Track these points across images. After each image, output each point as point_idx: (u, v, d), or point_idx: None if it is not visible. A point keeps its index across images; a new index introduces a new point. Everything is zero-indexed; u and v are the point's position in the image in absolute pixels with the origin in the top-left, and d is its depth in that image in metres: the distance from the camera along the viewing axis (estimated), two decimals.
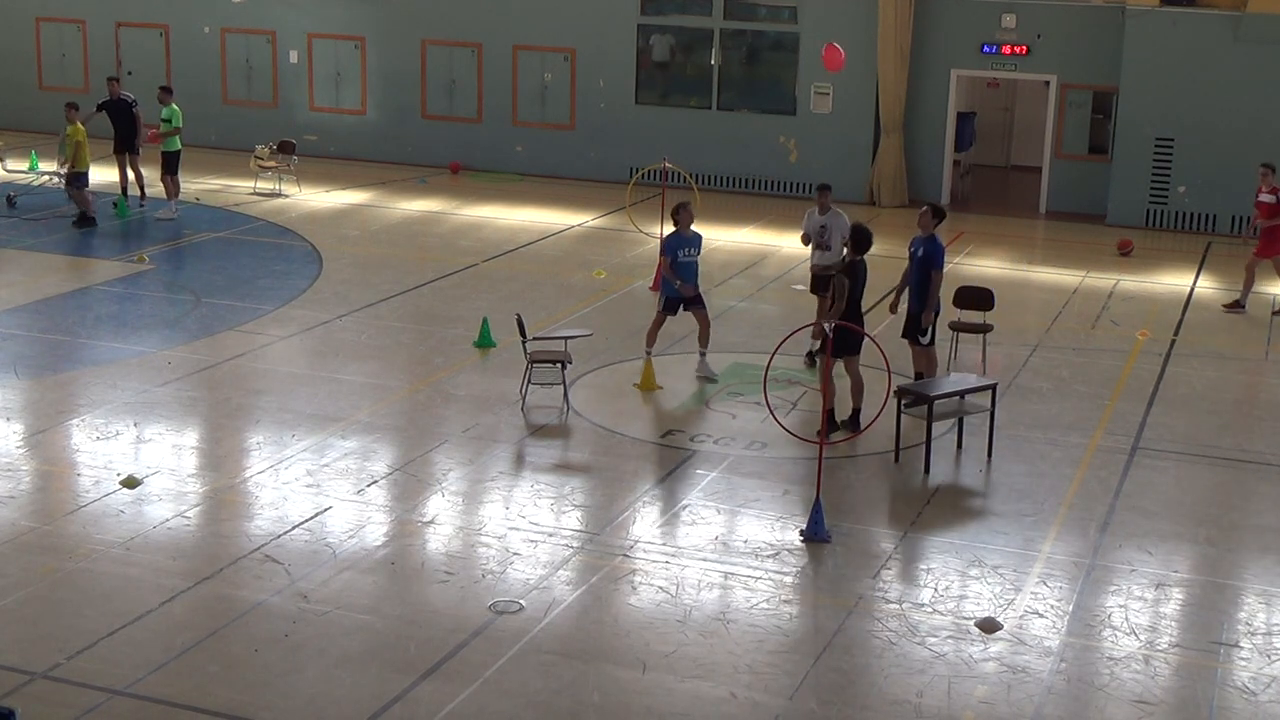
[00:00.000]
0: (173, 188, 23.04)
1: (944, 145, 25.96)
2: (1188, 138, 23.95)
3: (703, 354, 15.72)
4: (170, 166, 23.05)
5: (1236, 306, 19.10)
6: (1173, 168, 24.17)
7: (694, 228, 15.67)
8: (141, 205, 23.54)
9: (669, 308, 15.59)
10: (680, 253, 15.48)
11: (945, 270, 15.11)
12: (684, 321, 17.82)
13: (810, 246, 16.43)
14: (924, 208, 15.09)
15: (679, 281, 15.35)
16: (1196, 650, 10.12)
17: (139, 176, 23.75)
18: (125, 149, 23.72)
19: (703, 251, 15.93)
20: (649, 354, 15.57)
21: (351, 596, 10.50)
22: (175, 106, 23.27)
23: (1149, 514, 12.42)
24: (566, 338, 15.30)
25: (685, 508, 12.28)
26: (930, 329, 14.79)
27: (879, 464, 13.41)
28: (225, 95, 29.44)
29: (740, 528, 12.00)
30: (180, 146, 23.25)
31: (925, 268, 14.76)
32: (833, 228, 16.21)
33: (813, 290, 16.65)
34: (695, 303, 15.62)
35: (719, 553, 11.42)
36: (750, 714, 9.16)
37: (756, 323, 17.16)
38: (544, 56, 27.41)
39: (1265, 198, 19.14)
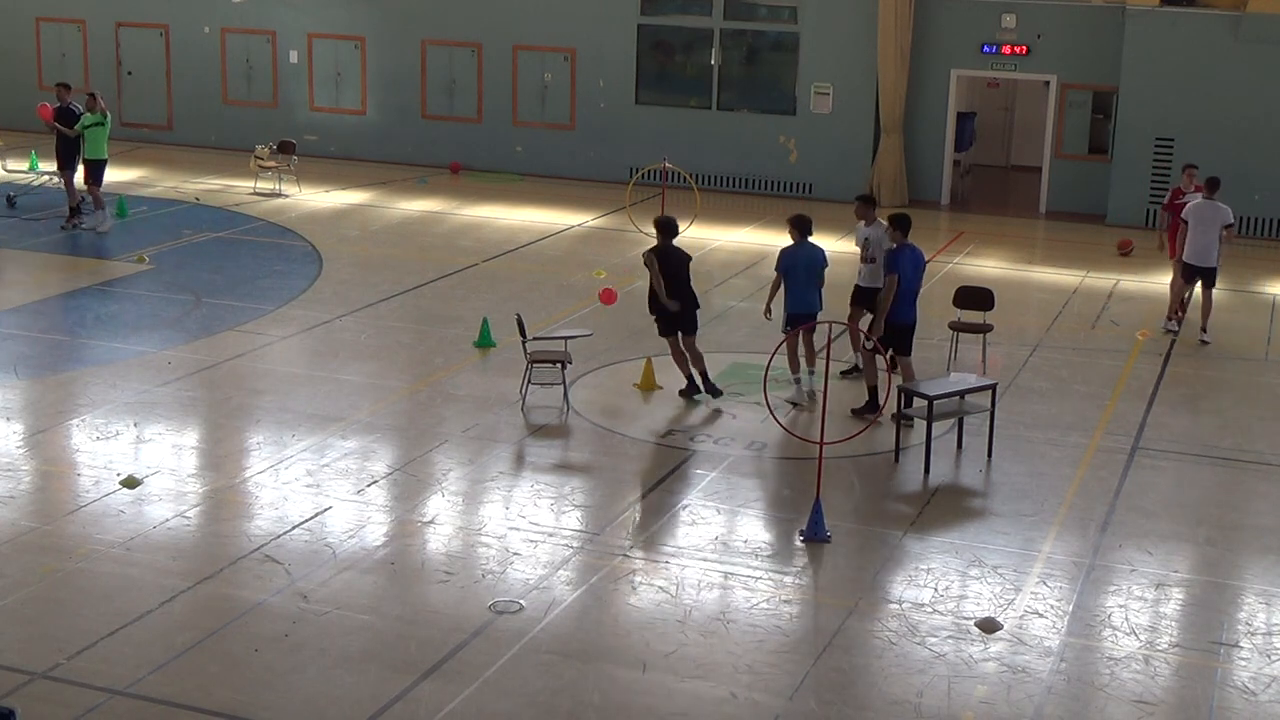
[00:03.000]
0: (99, 197, 21.67)
1: (944, 145, 25.96)
2: (1188, 138, 23.93)
3: (811, 371, 15.11)
4: (93, 175, 21.62)
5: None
6: (1173, 168, 24.13)
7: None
8: (72, 224, 22.02)
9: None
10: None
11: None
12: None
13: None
14: (889, 216, 14.69)
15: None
16: (1196, 650, 10.12)
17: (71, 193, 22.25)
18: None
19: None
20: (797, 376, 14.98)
21: (351, 596, 10.50)
22: (107, 112, 21.97)
23: (1149, 514, 12.42)
24: (566, 338, 15.30)
25: (685, 508, 12.28)
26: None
27: (879, 464, 13.41)
28: (225, 95, 29.44)
29: (740, 528, 12.00)
30: (105, 156, 21.80)
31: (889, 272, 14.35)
32: (874, 240, 15.29)
33: (852, 302, 15.65)
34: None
35: (719, 553, 11.42)
36: (750, 714, 9.16)
37: (757, 323, 17.15)
38: (544, 56, 27.41)
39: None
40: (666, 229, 14.99)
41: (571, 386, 14.97)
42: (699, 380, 14.99)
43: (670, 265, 14.86)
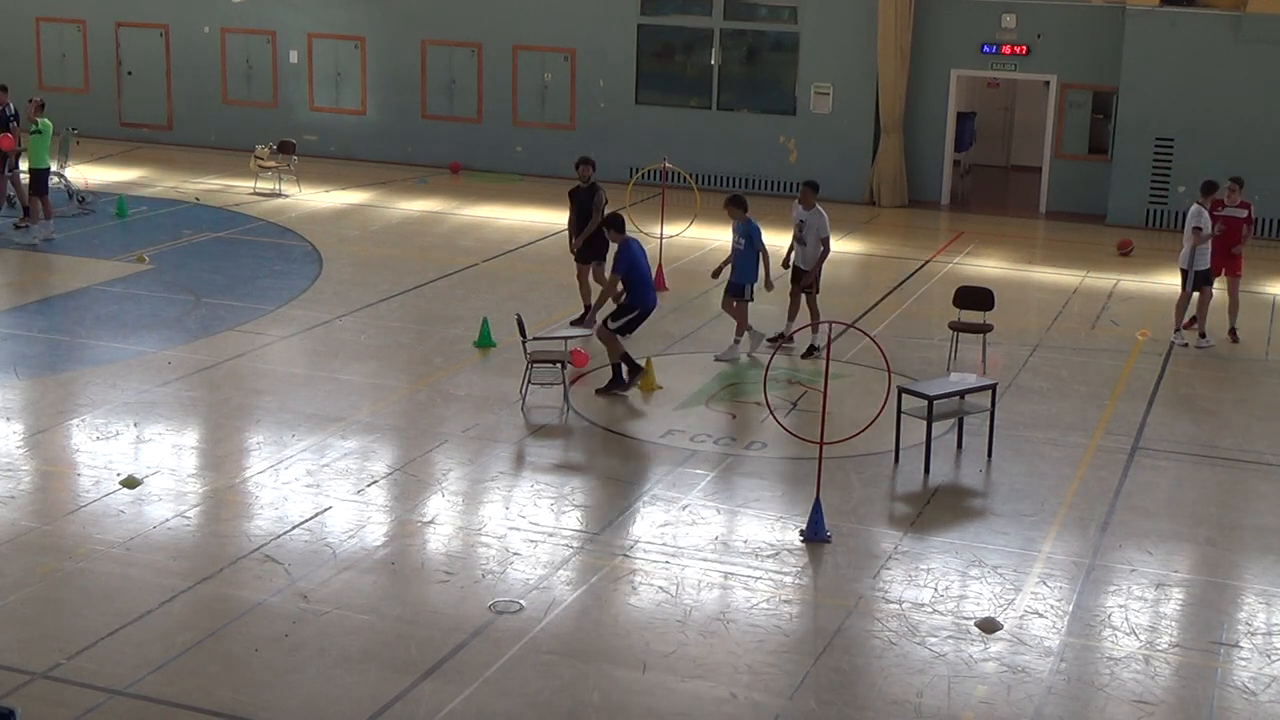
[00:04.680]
0: (45, 207, 21.01)
1: (944, 145, 25.96)
2: (1188, 138, 23.94)
3: (737, 340, 16.45)
4: (39, 185, 20.98)
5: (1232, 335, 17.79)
6: (1173, 168, 24.16)
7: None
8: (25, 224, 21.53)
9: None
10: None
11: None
12: (684, 321, 17.85)
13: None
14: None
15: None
16: (1196, 650, 10.12)
17: (20, 194, 21.88)
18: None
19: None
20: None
21: (351, 596, 10.50)
22: (48, 121, 21.31)
23: (1149, 514, 12.42)
24: (566, 338, 15.31)
25: (685, 508, 12.28)
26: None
27: (879, 464, 13.41)
28: (225, 95, 29.44)
29: (740, 528, 12.00)
30: (46, 165, 21.11)
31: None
32: (808, 224, 16.70)
33: (791, 282, 16.98)
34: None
35: (719, 553, 11.42)
36: (750, 714, 9.16)
37: (756, 322, 17.17)
38: (544, 56, 27.41)
39: (1238, 211, 17.75)
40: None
41: (571, 386, 14.97)
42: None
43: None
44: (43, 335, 16.81)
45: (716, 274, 16.86)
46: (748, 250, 16.25)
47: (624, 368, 14.98)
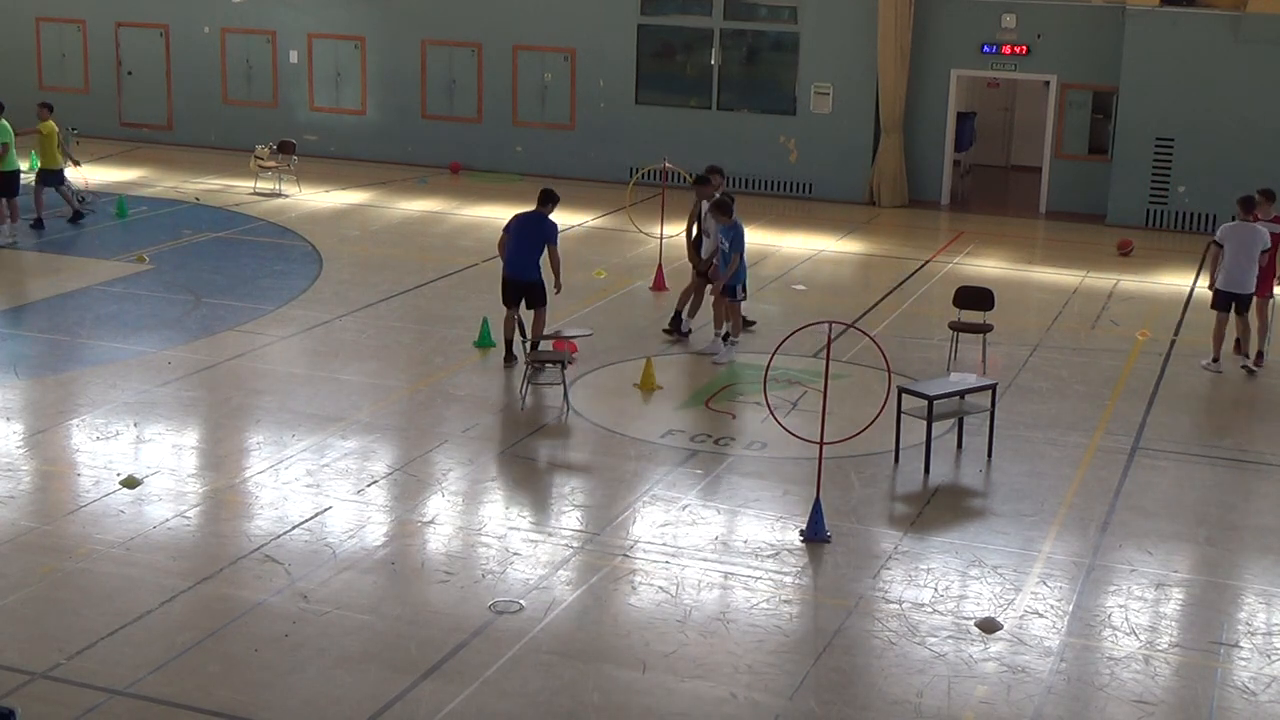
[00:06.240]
0: (8, 211, 20.81)
1: (944, 145, 25.96)
2: (1188, 138, 23.94)
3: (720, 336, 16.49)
4: (7, 188, 20.78)
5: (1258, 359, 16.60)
6: (1173, 168, 24.17)
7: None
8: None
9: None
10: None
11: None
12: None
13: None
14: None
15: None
16: (1196, 650, 10.12)
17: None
18: None
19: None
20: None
21: (351, 596, 10.51)
22: (4, 123, 20.95)
23: (1149, 514, 12.42)
24: (567, 338, 15.31)
25: (685, 508, 12.28)
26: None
27: (879, 464, 13.41)
28: (225, 95, 29.44)
29: (740, 528, 12.00)
30: (15, 167, 20.90)
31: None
32: (709, 216, 16.79)
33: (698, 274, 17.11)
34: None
35: (719, 553, 11.42)
36: (750, 714, 9.16)
37: (757, 323, 17.17)
38: (544, 56, 27.42)
39: (1272, 227, 16.42)
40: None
41: (571, 386, 14.97)
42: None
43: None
44: (43, 335, 16.81)
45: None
46: (733, 251, 16.16)
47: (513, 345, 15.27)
